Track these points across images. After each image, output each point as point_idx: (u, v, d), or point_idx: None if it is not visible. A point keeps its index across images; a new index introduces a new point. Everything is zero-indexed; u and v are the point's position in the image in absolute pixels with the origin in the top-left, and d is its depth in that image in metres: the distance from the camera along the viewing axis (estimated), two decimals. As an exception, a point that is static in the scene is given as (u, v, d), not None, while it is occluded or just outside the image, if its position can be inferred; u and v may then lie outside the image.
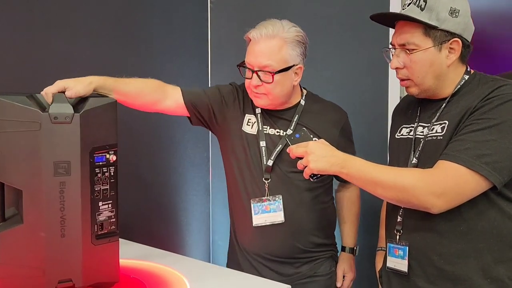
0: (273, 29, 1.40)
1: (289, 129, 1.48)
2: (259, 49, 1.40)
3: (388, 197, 1.18)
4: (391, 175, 1.15)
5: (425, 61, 1.18)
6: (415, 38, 1.18)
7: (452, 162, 1.09)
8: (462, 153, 1.09)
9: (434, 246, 1.17)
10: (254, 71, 1.41)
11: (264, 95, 1.44)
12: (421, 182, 1.12)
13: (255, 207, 1.47)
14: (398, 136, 1.33)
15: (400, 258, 1.22)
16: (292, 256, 1.51)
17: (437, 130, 1.19)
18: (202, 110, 1.52)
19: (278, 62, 1.40)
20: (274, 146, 1.48)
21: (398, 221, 1.25)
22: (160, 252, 1.54)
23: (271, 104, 1.47)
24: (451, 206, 1.12)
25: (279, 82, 1.42)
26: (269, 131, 1.50)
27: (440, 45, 1.17)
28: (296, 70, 1.46)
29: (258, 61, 1.40)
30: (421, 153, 1.21)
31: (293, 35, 1.43)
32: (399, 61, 1.21)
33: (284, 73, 1.42)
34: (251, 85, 1.43)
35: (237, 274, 1.38)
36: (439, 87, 1.21)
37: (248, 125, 1.52)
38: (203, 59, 2.41)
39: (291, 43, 1.42)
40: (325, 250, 1.56)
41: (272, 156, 1.47)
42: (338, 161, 1.19)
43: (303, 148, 1.22)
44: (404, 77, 1.24)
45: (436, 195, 1.10)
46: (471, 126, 1.11)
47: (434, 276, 1.18)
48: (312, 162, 1.19)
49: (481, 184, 1.09)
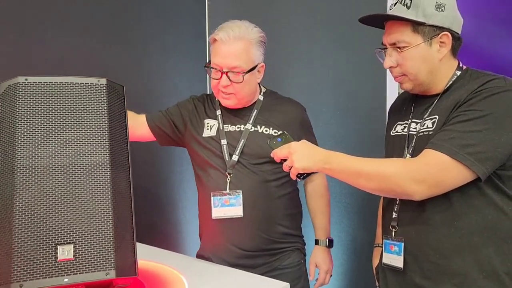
0: (240, 31, 1.45)
1: (248, 123, 1.53)
2: (228, 51, 1.44)
3: (371, 187, 1.18)
4: (374, 165, 1.16)
5: (417, 57, 1.19)
6: (404, 36, 1.19)
7: (436, 150, 1.10)
8: (446, 142, 1.10)
9: (429, 241, 1.18)
10: (224, 72, 1.45)
11: (232, 94, 1.49)
12: (402, 169, 1.12)
13: (215, 200, 1.51)
14: (393, 133, 1.34)
15: (396, 254, 1.23)
16: (258, 248, 1.52)
17: (428, 125, 1.20)
18: (165, 127, 1.62)
19: (247, 62, 1.46)
20: (237, 141, 1.52)
21: (394, 217, 1.26)
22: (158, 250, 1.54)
23: (238, 103, 1.52)
24: (433, 193, 1.12)
25: (247, 81, 1.47)
26: (230, 129, 1.55)
27: (430, 40, 1.18)
28: (259, 68, 1.52)
29: (227, 62, 1.44)
30: (414, 149, 1.22)
31: (257, 36, 1.49)
32: (392, 60, 1.23)
33: (251, 72, 1.48)
34: (220, 85, 1.47)
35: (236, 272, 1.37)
36: (433, 82, 1.23)
37: (208, 129, 1.58)
38: (200, 57, 2.41)
39: (256, 43, 1.48)
40: (291, 241, 1.57)
41: (237, 151, 1.51)
42: (321, 157, 1.20)
43: (286, 149, 1.24)
44: (398, 74, 1.25)
45: (417, 181, 1.10)
46: (458, 117, 1.12)
47: (430, 271, 1.18)
48: (297, 162, 1.20)
49: (464, 174, 1.09)
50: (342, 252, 2.07)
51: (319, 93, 2.03)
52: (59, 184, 0.95)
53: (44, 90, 1.02)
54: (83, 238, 0.92)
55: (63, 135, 1.00)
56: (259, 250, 1.53)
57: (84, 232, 0.93)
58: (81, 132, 1.01)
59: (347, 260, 2.07)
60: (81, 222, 0.93)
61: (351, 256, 2.05)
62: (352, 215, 2.04)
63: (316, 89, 2.02)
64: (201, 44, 2.42)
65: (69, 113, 1.02)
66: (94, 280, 0.89)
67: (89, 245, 0.92)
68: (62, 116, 1.01)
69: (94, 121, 1.03)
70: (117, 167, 1.04)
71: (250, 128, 1.53)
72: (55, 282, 0.86)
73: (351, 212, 2.04)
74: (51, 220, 0.91)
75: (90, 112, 1.04)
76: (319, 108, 1.59)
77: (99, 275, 0.89)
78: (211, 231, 1.57)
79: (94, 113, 1.04)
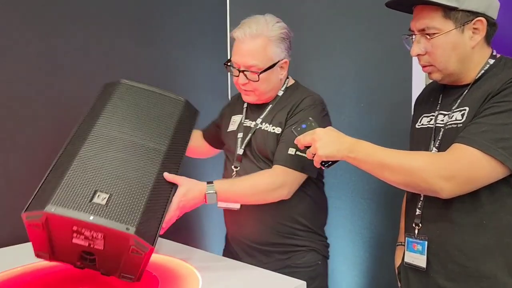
0: (257, 28, 1.41)
1: (259, 118, 1.52)
2: (244, 49, 1.42)
3: (395, 181, 1.11)
4: (399, 157, 1.10)
5: (447, 44, 1.11)
6: (435, 22, 1.11)
7: (466, 145, 1.03)
8: (477, 136, 1.03)
9: (455, 241, 1.11)
10: (241, 70, 1.44)
11: (251, 91, 1.48)
12: (430, 164, 1.06)
13: None
14: (418, 126, 1.27)
15: (419, 253, 1.17)
16: (265, 242, 1.49)
17: (457, 118, 1.13)
18: (215, 131, 1.71)
19: (263, 61, 1.42)
20: (247, 136, 1.52)
21: (417, 214, 1.19)
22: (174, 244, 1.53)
23: (258, 99, 1.51)
24: (462, 191, 1.05)
25: (265, 79, 1.45)
26: (247, 124, 1.55)
27: (462, 27, 1.10)
28: (282, 64, 1.48)
29: (244, 60, 1.43)
30: (441, 142, 1.15)
31: (277, 32, 1.43)
32: (419, 47, 1.16)
33: (270, 70, 1.44)
34: (239, 83, 1.48)
35: (250, 268, 1.36)
36: (464, 71, 1.15)
37: (232, 124, 1.60)
38: (221, 51, 2.39)
39: (276, 40, 1.43)
40: (305, 239, 1.50)
41: (242, 145, 1.50)
42: (346, 146, 1.15)
43: (310, 135, 1.19)
44: (426, 63, 1.18)
45: (446, 178, 1.04)
46: (490, 109, 1.05)
47: (455, 273, 1.12)
48: (320, 149, 1.16)
49: (497, 170, 1.02)
50: (364, 249, 2.01)
51: (341, 85, 1.98)
52: (118, 151, 1.16)
53: (135, 91, 1.34)
54: (120, 194, 1.06)
55: (136, 123, 1.24)
56: (266, 244, 1.49)
57: (123, 190, 1.07)
58: (151, 126, 1.26)
59: (369, 258, 2.01)
60: (123, 183, 1.09)
61: (373, 253, 1.99)
62: (375, 211, 1.97)
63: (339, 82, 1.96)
64: (221, 38, 2.39)
65: (148, 111, 1.29)
66: (114, 228, 0.97)
67: (122, 201, 1.04)
68: (141, 111, 1.28)
69: (164, 122, 1.29)
70: (169, 160, 1.21)
71: (258, 124, 1.51)
72: (82, 217, 0.97)
73: (374, 208, 1.98)
74: (100, 173, 1.08)
75: (163, 116, 1.30)
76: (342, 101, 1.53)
77: (120, 226, 0.98)
78: (225, 222, 1.63)
79: (166, 118, 1.30)
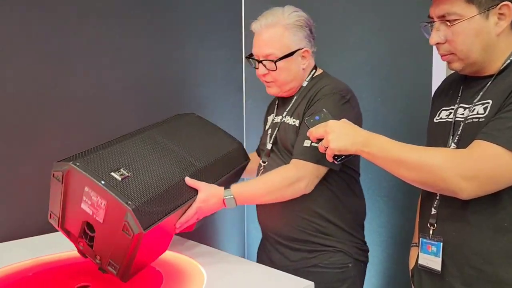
0: (272, 18, 1.43)
1: (285, 112, 1.51)
2: (261, 39, 1.45)
3: (412, 178, 1.04)
4: (417, 154, 1.02)
5: (470, 31, 1.03)
6: (456, 7, 1.04)
7: (490, 141, 0.96)
8: (502, 132, 0.95)
9: (472, 244, 1.04)
10: (260, 61, 1.46)
11: (272, 83, 1.48)
12: (449, 162, 0.98)
13: None
14: (437, 120, 1.19)
15: (433, 255, 1.10)
16: (293, 238, 1.44)
17: (479, 111, 1.05)
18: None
19: (280, 49, 1.43)
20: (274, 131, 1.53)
21: (432, 214, 1.12)
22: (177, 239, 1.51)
23: (280, 91, 1.50)
24: (484, 192, 0.98)
25: (284, 68, 1.44)
26: (276, 119, 1.56)
27: (487, 12, 1.02)
28: (303, 53, 1.46)
29: (262, 50, 1.45)
30: (460, 138, 1.07)
31: (293, 20, 1.44)
32: (439, 35, 1.08)
33: (288, 58, 1.44)
34: (259, 74, 1.48)
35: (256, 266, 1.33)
36: (487, 60, 1.06)
37: (267, 124, 1.64)
38: (236, 44, 2.34)
39: (292, 28, 1.43)
40: (333, 239, 1.42)
41: (271, 141, 1.51)
42: (360, 139, 1.09)
43: (322, 127, 1.13)
44: (446, 52, 1.10)
45: (466, 177, 0.96)
46: None
47: (472, 278, 1.04)
48: (332, 142, 1.10)
49: None
50: (381, 249, 1.94)
51: (357, 78, 1.91)
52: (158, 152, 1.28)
53: (201, 122, 1.58)
54: (139, 179, 1.13)
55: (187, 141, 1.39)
56: (291, 240, 1.45)
57: (143, 178, 1.15)
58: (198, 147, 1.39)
59: (387, 258, 1.94)
60: (147, 173, 1.17)
61: (390, 254, 1.91)
62: (392, 210, 1.90)
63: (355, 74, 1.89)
64: (236, 31, 2.35)
65: (202, 137, 1.48)
66: (117, 199, 1.05)
67: (138, 185, 1.12)
68: (197, 136, 1.47)
69: (212, 150, 1.43)
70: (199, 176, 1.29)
71: (283, 118, 1.51)
72: (95, 178, 1.07)
73: (391, 207, 1.91)
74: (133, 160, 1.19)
75: (214, 146, 1.47)
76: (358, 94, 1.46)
77: (122, 198, 1.05)
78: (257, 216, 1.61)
79: (216, 148, 1.46)
